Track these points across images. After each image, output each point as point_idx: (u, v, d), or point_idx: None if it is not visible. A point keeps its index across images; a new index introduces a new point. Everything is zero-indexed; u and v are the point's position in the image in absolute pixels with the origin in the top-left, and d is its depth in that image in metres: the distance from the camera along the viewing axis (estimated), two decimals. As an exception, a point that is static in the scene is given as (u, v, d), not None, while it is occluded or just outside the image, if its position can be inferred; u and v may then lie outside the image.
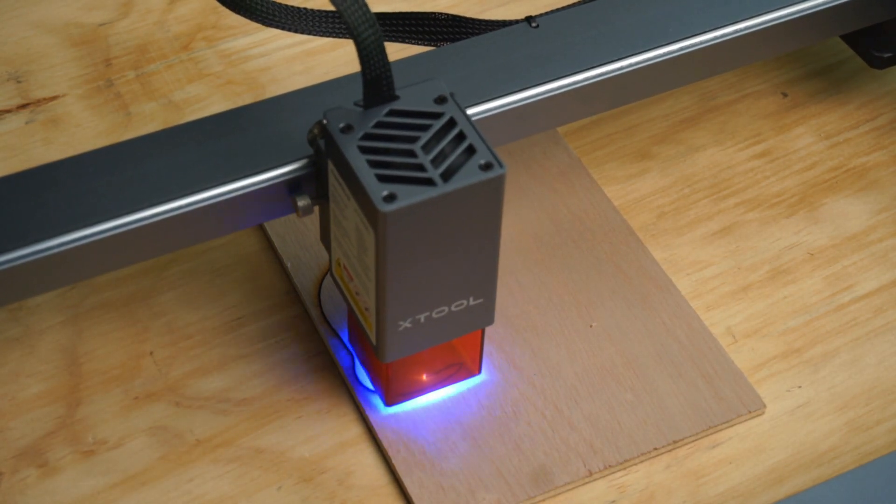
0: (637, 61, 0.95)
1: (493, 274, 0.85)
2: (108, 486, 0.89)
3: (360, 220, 0.81)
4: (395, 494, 0.89)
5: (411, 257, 0.81)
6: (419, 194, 0.79)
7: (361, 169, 0.80)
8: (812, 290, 1.00)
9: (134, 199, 0.85)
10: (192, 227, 0.87)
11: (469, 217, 0.81)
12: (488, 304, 0.87)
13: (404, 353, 0.87)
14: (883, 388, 0.95)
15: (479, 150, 0.81)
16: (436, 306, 0.85)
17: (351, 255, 0.85)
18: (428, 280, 0.83)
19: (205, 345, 0.96)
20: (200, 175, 0.86)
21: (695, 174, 1.07)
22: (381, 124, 0.82)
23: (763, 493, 0.90)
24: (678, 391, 0.93)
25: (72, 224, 0.84)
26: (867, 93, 1.12)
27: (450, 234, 0.81)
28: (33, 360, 0.95)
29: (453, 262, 0.83)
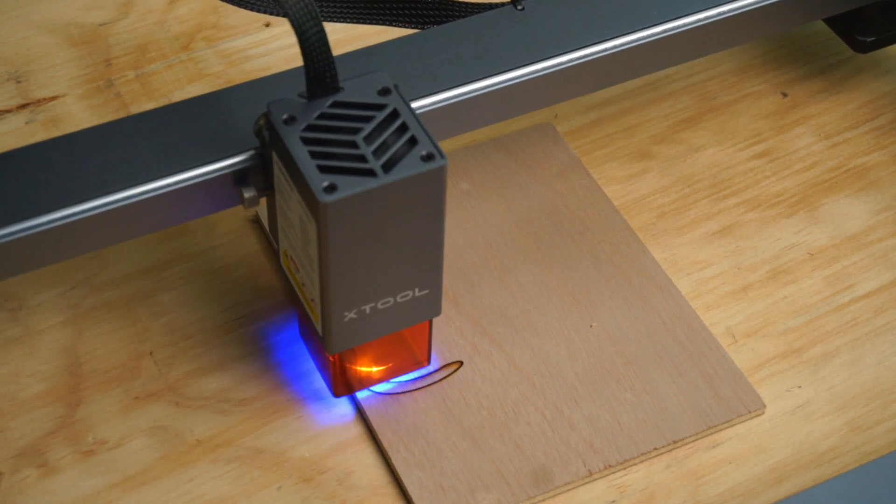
0: (622, 43, 0.96)
1: (437, 265, 0.86)
2: (108, 486, 0.89)
3: (304, 211, 0.81)
4: (395, 494, 0.89)
5: (354, 248, 0.81)
6: (360, 185, 0.79)
7: (303, 160, 0.80)
8: (812, 290, 1.00)
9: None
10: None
11: (411, 208, 0.81)
12: (434, 295, 0.87)
13: (350, 344, 0.87)
14: (883, 388, 0.95)
15: (420, 141, 0.81)
16: (381, 297, 0.85)
17: (296, 246, 0.85)
18: (372, 271, 0.83)
19: (205, 345, 0.96)
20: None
21: (695, 174, 1.07)
22: (324, 115, 0.82)
23: (763, 493, 0.90)
24: (678, 391, 0.93)
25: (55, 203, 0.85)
26: (867, 93, 1.13)
27: (392, 225, 0.82)
28: (33, 360, 0.95)
29: (397, 253, 0.83)
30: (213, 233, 1.02)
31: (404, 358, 0.92)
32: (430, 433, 0.91)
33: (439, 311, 0.88)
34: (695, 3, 0.97)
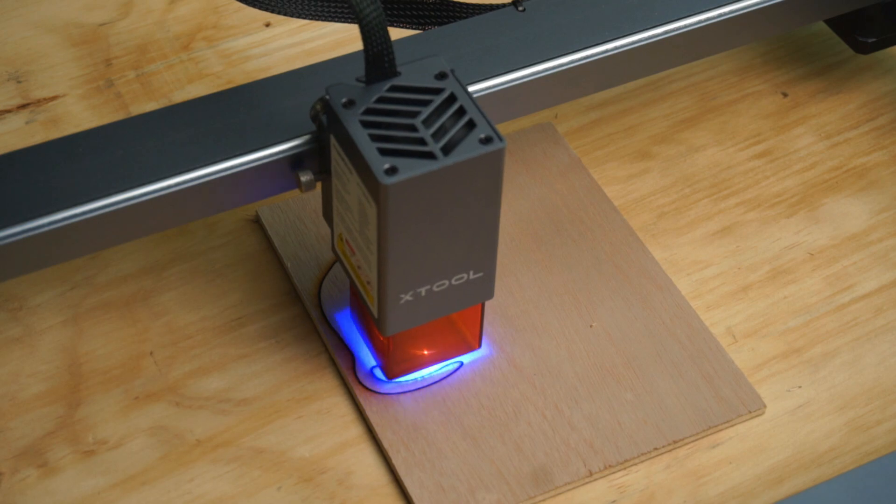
0: (622, 44, 0.96)
1: (492, 247, 0.86)
2: (108, 486, 0.89)
3: (363, 193, 0.82)
4: (395, 494, 0.89)
5: (412, 230, 0.82)
6: (420, 167, 0.80)
7: (363, 143, 0.81)
8: (812, 290, 1.00)
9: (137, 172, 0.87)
10: (198, 202, 0.88)
11: (469, 190, 0.82)
12: (488, 278, 0.88)
13: (405, 327, 0.88)
14: (883, 388, 0.95)
15: (479, 124, 0.82)
16: (436, 280, 0.86)
17: (353, 229, 0.86)
18: (428, 253, 0.84)
19: (205, 345, 0.96)
20: (206, 151, 0.88)
21: (695, 174, 1.07)
22: (382, 99, 0.83)
23: (763, 494, 0.90)
24: (678, 391, 0.93)
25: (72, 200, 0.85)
26: (867, 93, 1.12)
27: (450, 208, 0.82)
28: (34, 360, 0.95)
29: (453, 236, 0.84)
30: (213, 233, 1.02)
31: (456, 341, 0.93)
32: (431, 433, 0.91)
33: (492, 294, 0.89)
34: (696, 5, 0.97)
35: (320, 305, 0.97)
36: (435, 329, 0.92)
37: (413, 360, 0.93)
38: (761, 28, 1.00)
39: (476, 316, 0.92)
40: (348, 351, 0.94)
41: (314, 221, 1.01)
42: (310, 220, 1.01)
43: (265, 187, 0.89)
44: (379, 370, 0.93)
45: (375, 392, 0.93)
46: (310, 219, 1.01)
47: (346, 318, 0.96)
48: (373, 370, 0.94)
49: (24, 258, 0.86)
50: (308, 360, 0.95)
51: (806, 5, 1.01)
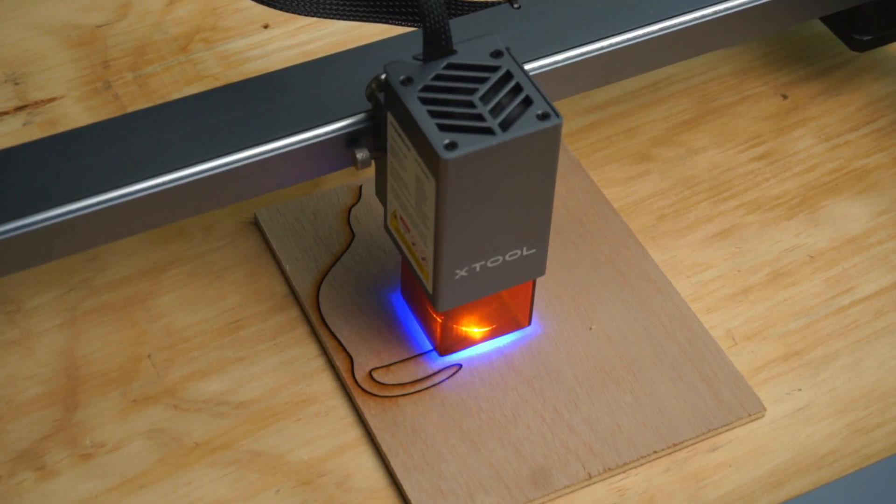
0: (618, 41, 0.96)
1: (546, 224, 0.88)
2: (106, 489, 0.89)
3: (421, 169, 0.83)
4: (393, 498, 0.89)
5: (469, 205, 0.84)
6: (479, 143, 0.81)
7: (423, 119, 0.82)
8: (812, 293, 1.00)
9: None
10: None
11: (526, 166, 0.84)
12: (541, 255, 0.89)
13: (459, 302, 0.89)
14: (883, 391, 0.95)
15: (535, 101, 0.83)
16: (491, 255, 0.87)
17: (409, 206, 0.87)
18: (484, 229, 0.85)
19: (203, 347, 0.95)
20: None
21: (695, 176, 1.07)
22: (440, 77, 0.85)
23: (763, 497, 0.90)
24: (678, 394, 0.93)
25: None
26: (867, 95, 1.12)
27: (507, 183, 0.84)
28: (31, 362, 0.94)
29: (509, 211, 0.85)
30: (210, 235, 1.01)
31: (506, 318, 0.94)
32: (429, 436, 0.91)
33: (544, 271, 0.90)
34: (691, 2, 0.97)
35: (319, 308, 0.96)
36: (486, 306, 0.93)
37: (465, 336, 0.94)
38: (757, 26, 1.00)
39: (527, 293, 0.93)
40: (347, 353, 0.94)
41: (312, 223, 1.01)
42: (308, 223, 1.01)
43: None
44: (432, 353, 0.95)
45: (374, 395, 0.92)
46: (308, 221, 1.01)
47: (344, 320, 0.96)
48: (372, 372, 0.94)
49: (20, 255, 0.86)
50: (306, 363, 0.95)
51: (801, 2, 1.01)
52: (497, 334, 0.95)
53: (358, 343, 0.95)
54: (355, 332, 0.95)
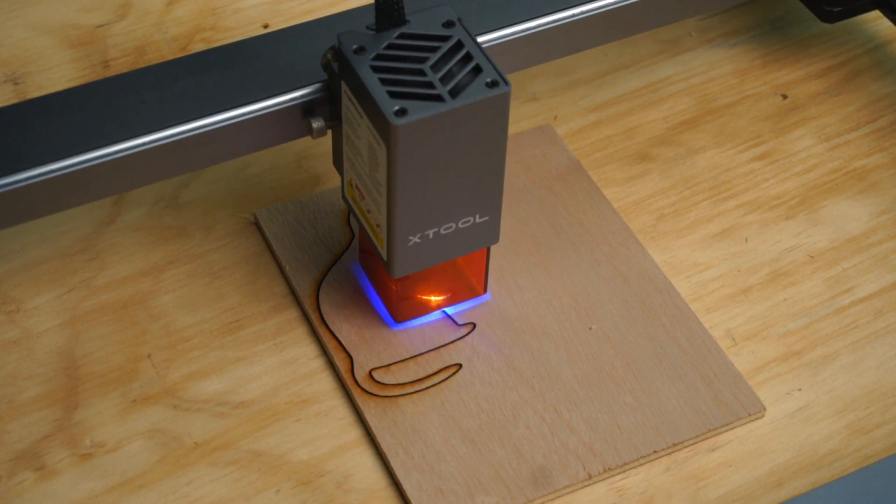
0: (590, 8, 0.98)
1: (498, 191, 0.89)
2: (106, 489, 0.89)
3: (373, 136, 0.85)
4: (393, 498, 0.89)
5: (420, 171, 0.85)
6: (429, 109, 0.83)
7: (374, 86, 0.84)
8: (812, 293, 1.00)
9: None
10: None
11: (476, 133, 0.85)
12: (494, 223, 0.91)
13: (414, 269, 0.91)
14: (883, 391, 0.95)
15: (485, 69, 0.85)
16: (444, 222, 0.89)
17: (363, 174, 0.89)
18: (436, 195, 0.87)
19: (203, 347, 0.95)
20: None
21: (695, 176, 1.07)
22: (392, 46, 0.87)
23: (763, 497, 0.90)
24: (678, 394, 0.93)
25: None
26: (867, 95, 1.12)
27: (457, 150, 0.86)
28: (31, 362, 0.94)
29: (461, 178, 0.87)
30: (210, 235, 1.01)
31: (461, 286, 0.96)
32: (429, 436, 0.91)
33: (497, 239, 0.92)
34: None
35: (319, 308, 0.96)
36: (441, 274, 0.94)
37: (420, 304, 0.95)
38: None
39: (481, 261, 0.95)
40: (347, 353, 0.94)
41: (312, 223, 1.01)
42: (308, 223, 1.01)
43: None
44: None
45: (374, 395, 0.92)
46: (308, 221, 1.01)
47: (344, 320, 0.96)
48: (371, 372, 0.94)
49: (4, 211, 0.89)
50: (306, 363, 0.95)
51: None
52: (452, 302, 0.96)
53: (358, 343, 0.95)
54: (355, 332, 0.95)
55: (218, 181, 1.05)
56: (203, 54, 0.95)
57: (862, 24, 1.17)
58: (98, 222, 1.02)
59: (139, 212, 1.03)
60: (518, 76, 1.12)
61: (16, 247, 1.00)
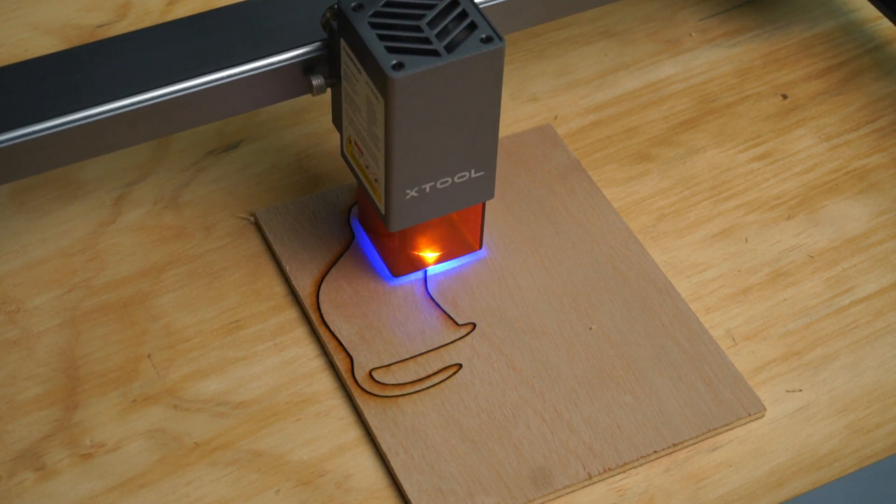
0: None
1: (493, 147, 0.92)
2: (106, 489, 0.89)
3: (371, 91, 0.88)
4: (393, 498, 0.89)
5: (417, 125, 0.88)
6: (425, 63, 0.86)
7: (372, 42, 0.87)
8: (812, 293, 1.00)
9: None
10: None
11: (471, 88, 0.88)
12: (489, 178, 0.93)
13: (411, 222, 0.93)
14: (883, 391, 0.95)
15: (480, 26, 0.88)
16: (440, 177, 0.91)
17: (361, 129, 0.91)
18: (432, 149, 0.90)
19: (203, 347, 0.95)
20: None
21: (695, 176, 1.07)
22: (389, 3, 0.89)
23: (763, 497, 0.90)
24: (678, 394, 0.93)
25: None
26: (867, 95, 1.12)
27: (453, 105, 0.88)
28: (31, 362, 0.94)
29: (456, 133, 0.90)
30: (210, 235, 1.01)
31: (457, 242, 0.98)
32: (429, 436, 0.91)
33: (493, 194, 0.94)
34: None
35: (319, 308, 0.96)
36: (438, 229, 0.97)
37: (417, 259, 0.98)
38: None
39: (476, 216, 0.97)
40: (347, 353, 0.94)
41: (312, 223, 1.01)
42: (308, 222, 1.01)
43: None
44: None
45: (374, 395, 0.92)
46: (308, 221, 1.01)
47: (344, 320, 0.96)
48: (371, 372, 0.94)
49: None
50: (306, 363, 0.95)
51: None
52: (449, 257, 0.98)
53: (358, 343, 0.95)
54: (355, 332, 0.95)
55: (218, 181, 1.05)
56: (206, 14, 0.97)
57: (862, 24, 1.17)
58: (98, 222, 1.02)
59: (139, 212, 1.03)
60: (518, 76, 1.12)
61: (16, 247, 1.00)
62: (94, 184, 1.04)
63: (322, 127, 1.08)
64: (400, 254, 0.97)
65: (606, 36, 1.16)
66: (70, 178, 1.04)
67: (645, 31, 1.16)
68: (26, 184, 1.04)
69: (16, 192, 1.03)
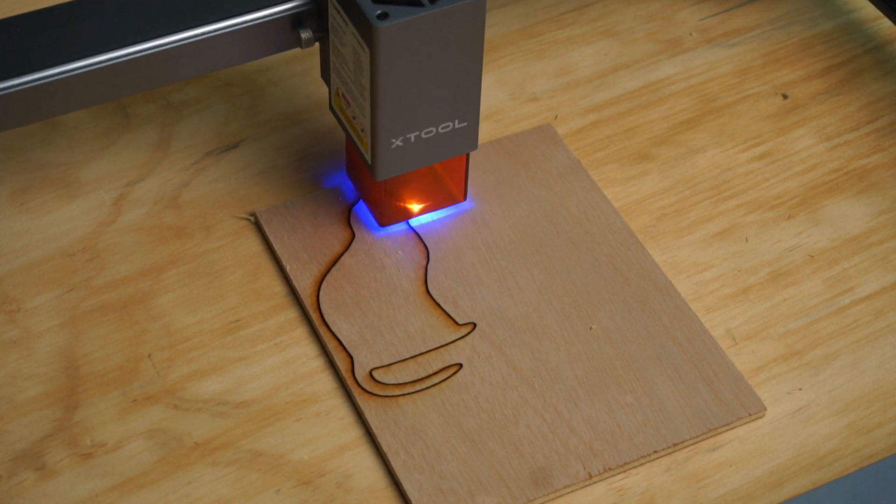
0: None
1: (476, 98, 0.95)
2: (106, 488, 0.89)
3: (357, 42, 0.91)
4: (394, 497, 0.89)
5: (402, 75, 0.91)
6: (409, 13, 0.89)
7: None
8: (812, 293, 1.00)
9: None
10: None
11: (453, 39, 0.91)
12: (472, 129, 0.96)
13: (397, 171, 0.96)
14: (883, 391, 0.95)
15: None
16: (424, 126, 0.94)
17: (348, 80, 0.95)
18: (417, 99, 0.93)
19: (203, 347, 0.95)
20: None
21: (695, 176, 1.07)
22: None
23: (763, 496, 0.90)
24: (678, 394, 0.93)
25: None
26: (868, 94, 1.12)
27: (436, 55, 0.91)
28: (31, 362, 0.94)
29: (440, 83, 0.93)
30: (210, 235, 1.01)
31: (442, 193, 1.01)
32: (430, 436, 0.91)
33: (476, 146, 0.97)
34: None
35: (319, 308, 0.96)
36: (423, 180, 1.00)
37: (404, 210, 1.01)
38: None
39: (460, 167, 1.00)
40: (347, 353, 0.94)
41: (312, 223, 1.01)
42: (308, 222, 1.01)
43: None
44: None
45: (374, 395, 0.92)
46: (308, 220, 1.01)
47: (344, 320, 0.96)
48: (372, 372, 0.94)
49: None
50: (307, 363, 0.95)
51: None
52: (434, 208, 1.01)
53: (358, 343, 0.95)
54: (355, 332, 0.95)
55: (218, 181, 1.05)
56: None
57: (862, 24, 1.18)
58: (98, 222, 1.02)
59: (139, 212, 1.03)
60: (518, 76, 1.12)
61: (16, 247, 1.00)
62: (94, 184, 1.04)
63: (322, 127, 1.08)
64: (386, 204, 1.00)
65: (606, 36, 1.16)
66: (70, 178, 1.04)
67: (645, 31, 1.16)
68: (26, 184, 1.04)
69: (16, 192, 1.03)
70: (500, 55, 1.14)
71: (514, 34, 1.15)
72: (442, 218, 1.01)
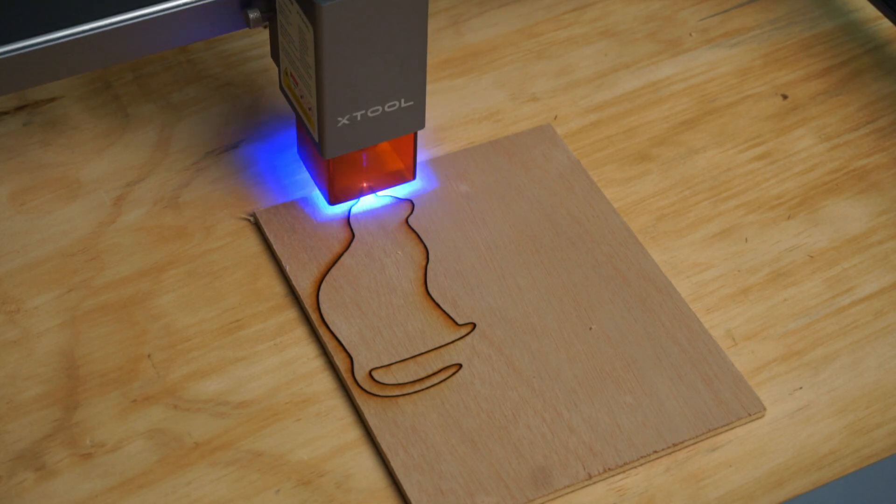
0: None
1: (421, 78, 0.96)
2: (106, 489, 0.89)
3: (302, 20, 0.92)
4: (393, 498, 0.89)
5: (346, 53, 0.92)
6: None
7: None
8: (812, 293, 1.00)
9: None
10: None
11: (398, 18, 0.91)
12: (419, 108, 0.97)
13: (344, 150, 0.97)
14: (883, 391, 0.95)
15: None
16: (370, 104, 0.95)
17: (295, 60, 0.96)
18: (362, 77, 0.93)
19: (203, 347, 0.95)
20: None
21: (695, 176, 1.07)
22: None
23: (763, 497, 0.90)
24: (678, 394, 0.93)
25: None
26: (868, 95, 1.12)
27: (381, 33, 0.92)
28: (31, 362, 0.94)
29: (385, 62, 0.93)
30: (210, 235, 1.01)
31: (392, 172, 1.02)
32: (429, 436, 0.91)
33: (423, 125, 0.98)
34: None
35: (319, 308, 0.96)
36: (373, 159, 1.01)
37: (353, 188, 1.02)
38: None
39: (409, 146, 1.01)
40: (347, 353, 0.94)
41: (312, 223, 1.01)
42: (308, 222, 1.01)
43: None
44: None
45: (374, 395, 0.92)
46: (308, 221, 1.01)
47: (344, 320, 0.96)
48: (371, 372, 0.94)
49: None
50: (307, 363, 0.95)
51: None
52: (383, 186, 1.02)
53: (358, 343, 0.95)
54: (355, 332, 0.95)
55: (218, 181, 1.05)
56: None
57: (862, 24, 1.18)
58: (98, 222, 1.02)
59: (139, 212, 1.03)
60: (518, 76, 1.12)
61: (16, 247, 1.00)
62: (94, 184, 1.04)
63: (322, 127, 1.08)
64: (335, 182, 1.00)
65: (606, 36, 1.16)
66: (70, 179, 1.04)
67: (645, 31, 1.16)
68: (26, 184, 1.04)
69: (16, 193, 1.03)
70: (500, 55, 1.14)
71: (514, 34, 1.15)
72: (442, 218, 1.01)
